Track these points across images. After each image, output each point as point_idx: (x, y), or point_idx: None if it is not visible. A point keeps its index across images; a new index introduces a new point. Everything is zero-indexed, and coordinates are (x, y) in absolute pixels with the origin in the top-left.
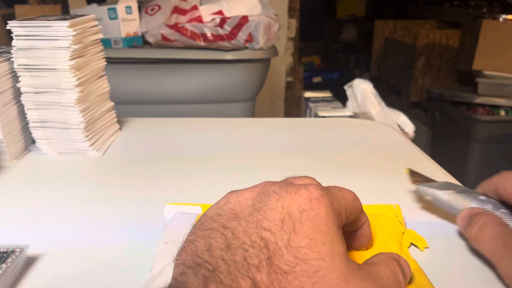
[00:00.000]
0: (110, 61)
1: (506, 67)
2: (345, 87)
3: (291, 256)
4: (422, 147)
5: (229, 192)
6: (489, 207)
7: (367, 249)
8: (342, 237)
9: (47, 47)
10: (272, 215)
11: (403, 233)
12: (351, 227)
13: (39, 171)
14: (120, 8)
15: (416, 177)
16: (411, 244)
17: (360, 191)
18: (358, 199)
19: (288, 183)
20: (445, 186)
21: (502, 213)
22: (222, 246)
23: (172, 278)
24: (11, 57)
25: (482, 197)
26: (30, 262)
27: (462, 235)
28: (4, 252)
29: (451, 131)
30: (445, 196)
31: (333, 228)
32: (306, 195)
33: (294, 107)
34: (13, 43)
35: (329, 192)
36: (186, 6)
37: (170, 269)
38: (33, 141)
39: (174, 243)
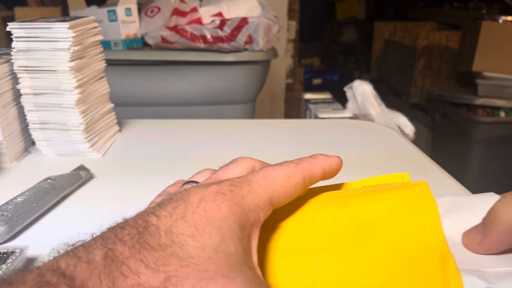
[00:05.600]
0: (110, 63)
1: (506, 68)
2: (345, 89)
3: (167, 239)
4: (423, 149)
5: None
6: None
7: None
8: (244, 238)
9: (47, 49)
10: (169, 204)
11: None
12: None
13: (39, 173)
14: (120, 10)
15: None
16: None
17: None
18: (297, 176)
19: (213, 179)
20: None
21: None
22: (105, 230)
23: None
24: (11, 59)
25: None
26: (30, 263)
27: None
28: (4, 253)
29: (451, 133)
30: None
31: (230, 225)
32: (214, 189)
33: (294, 109)
34: (13, 44)
35: (244, 185)
36: (185, 8)
37: None
38: (33, 143)
39: None
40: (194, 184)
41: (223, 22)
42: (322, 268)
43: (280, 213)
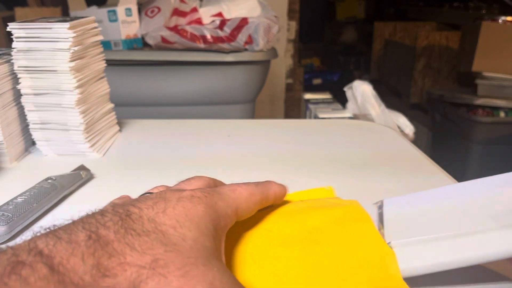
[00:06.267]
0: (110, 63)
1: (506, 69)
2: (345, 89)
3: (150, 227)
4: (422, 149)
5: None
6: None
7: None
8: (217, 238)
9: (47, 49)
10: (148, 200)
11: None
12: None
13: (39, 173)
14: (120, 10)
15: None
16: None
17: (360, 192)
18: (257, 194)
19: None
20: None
21: None
22: (85, 218)
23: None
24: (11, 59)
25: None
26: None
27: None
28: None
29: (451, 133)
30: None
31: (207, 224)
32: (189, 193)
33: (294, 109)
34: (13, 45)
35: (215, 194)
36: (186, 8)
37: None
38: (33, 143)
39: None
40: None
41: (223, 22)
42: (277, 265)
43: (239, 226)
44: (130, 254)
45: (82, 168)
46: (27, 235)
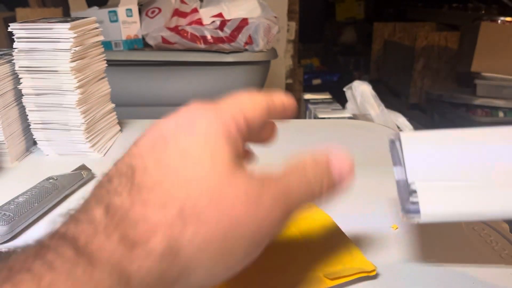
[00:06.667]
0: (110, 63)
1: (505, 69)
2: (345, 89)
3: (160, 174)
4: None
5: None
6: None
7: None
8: (230, 144)
9: (48, 49)
10: (147, 143)
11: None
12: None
13: (40, 172)
14: (121, 10)
15: None
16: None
17: (359, 192)
18: (261, 100)
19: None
20: None
21: None
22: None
23: None
24: (13, 59)
25: None
26: None
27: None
28: (6, 253)
29: None
30: None
31: (216, 139)
32: (184, 109)
33: None
34: (15, 45)
35: (214, 104)
36: (186, 8)
37: None
38: (34, 143)
39: None
40: None
41: (223, 23)
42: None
43: None
44: (153, 215)
45: (83, 168)
46: (28, 235)
